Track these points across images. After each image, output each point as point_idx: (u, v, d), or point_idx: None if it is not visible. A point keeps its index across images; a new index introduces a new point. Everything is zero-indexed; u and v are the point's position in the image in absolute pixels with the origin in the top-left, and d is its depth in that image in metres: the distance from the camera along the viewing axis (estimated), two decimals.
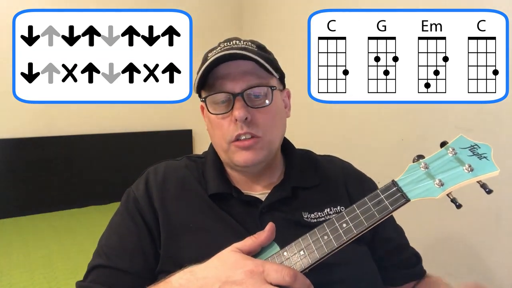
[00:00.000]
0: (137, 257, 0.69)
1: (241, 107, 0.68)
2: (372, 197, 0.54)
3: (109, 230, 0.75)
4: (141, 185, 0.76)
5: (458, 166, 0.52)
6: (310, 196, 0.76)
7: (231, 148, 0.71)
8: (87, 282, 0.69)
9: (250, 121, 0.69)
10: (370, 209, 0.53)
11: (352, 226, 0.53)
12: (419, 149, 1.80)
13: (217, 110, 0.71)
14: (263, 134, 0.71)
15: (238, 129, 0.69)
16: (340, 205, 0.75)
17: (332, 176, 0.81)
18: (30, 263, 1.61)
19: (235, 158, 0.71)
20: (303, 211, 0.74)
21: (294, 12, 2.42)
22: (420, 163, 0.54)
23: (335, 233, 0.54)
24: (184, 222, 0.71)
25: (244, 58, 0.70)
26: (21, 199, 2.35)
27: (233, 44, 0.75)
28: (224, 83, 0.70)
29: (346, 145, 2.05)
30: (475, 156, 0.52)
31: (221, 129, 0.71)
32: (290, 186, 0.75)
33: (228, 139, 0.70)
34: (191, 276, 0.52)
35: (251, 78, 0.70)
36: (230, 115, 0.70)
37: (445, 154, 0.54)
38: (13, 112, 2.34)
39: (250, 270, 0.49)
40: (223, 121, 0.71)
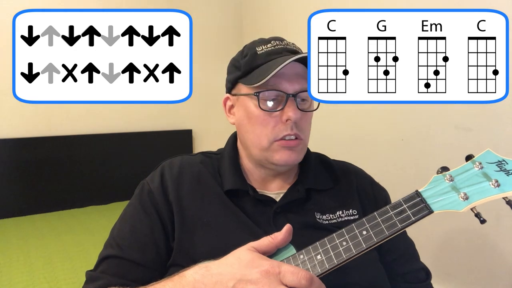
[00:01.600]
0: (149, 249, 0.70)
1: (296, 108, 0.70)
2: (394, 206, 0.54)
3: (122, 221, 0.75)
4: (156, 178, 0.76)
5: (485, 181, 0.51)
6: (323, 198, 0.77)
7: (273, 147, 0.72)
8: (98, 272, 0.68)
9: (297, 123, 0.70)
10: (391, 218, 0.52)
11: (372, 234, 0.53)
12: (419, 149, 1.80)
13: (266, 107, 0.72)
14: (304, 137, 0.73)
15: (288, 130, 0.70)
16: (352, 209, 0.76)
17: (345, 181, 0.81)
18: (30, 263, 1.61)
19: (276, 157, 0.72)
20: (316, 212, 0.74)
21: (294, 12, 2.42)
22: (445, 175, 0.53)
23: (355, 240, 0.53)
24: (198, 216, 0.72)
25: (301, 60, 0.71)
26: (21, 199, 2.35)
27: (285, 44, 0.76)
28: (279, 82, 0.71)
29: (346, 145, 2.05)
30: (503, 171, 0.51)
31: (266, 126, 0.72)
32: (305, 187, 0.76)
33: (273, 137, 0.71)
34: (206, 272, 0.52)
35: (303, 81, 0.73)
36: (280, 114, 0.71)
37: (471, 168, 0.53)
38: (13, 112, 2.34)
39: (266, 270, 0.49)
40: (270, 118, 0.72)
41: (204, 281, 0.51)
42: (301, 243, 0.57)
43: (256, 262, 0.51)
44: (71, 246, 1.80)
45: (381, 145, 1.84)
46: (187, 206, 0.73)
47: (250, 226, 0.70)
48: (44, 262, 1.62)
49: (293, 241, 0.57)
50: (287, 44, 0.77)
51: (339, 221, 0.74)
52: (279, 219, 0.71)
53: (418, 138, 1.64)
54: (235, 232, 0.69)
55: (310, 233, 0.57)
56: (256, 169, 0.78)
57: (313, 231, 0.68)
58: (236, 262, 0.52)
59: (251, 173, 0.79)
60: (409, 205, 0.53)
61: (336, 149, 2.06)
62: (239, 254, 0.53)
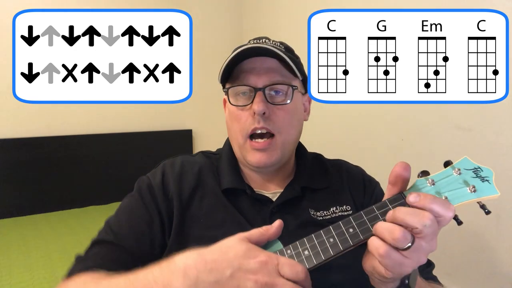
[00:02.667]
0: (144, 240, 0.69)
1: (261, 101, 0.70)
2: (381, 206, 0.55)
3: (119, 211, 0.75)
4: (157, 175, 0.77)
5: (464, 187, 0.55)
6: (318, 197, 0.77)
7: (246, 146, 0.72)
8: (89, 255, 0.68)
9: (268, 117, 0.71)
10: (377, 217, 0.54)
11: (359, 231, 0.54)
12: (419, 149, 1.80)
13: (237, 102, 0.73)
14: (278, 132, 0.72)
15: (255, 123, 0.70)
16: (346, 205, 0.76)
17: (338, 178, 0.82)
18: (30, 263, 1.61)
19: (249, 158, 0.72)
20: (310, 209, 0.75)
21: (294, 12, 2.42)
22: (428, 179, 0.57)
23: (342, 237, 0.54)
24: (197, 216, 0.72)
25: (270, 54, 0.71)
26: (21, 199, 2.35)
27: (263, 42, 0.77)
28: (248, 77, 0.72)
29: (346, 145, 2.05)
30: (478, 178, 0.56)
31: (239, 122, 0.73)
32: (300, 185, 0.76)
33: (245, 132, 0.72)
34: (198, 257, 0.50)
35: (274, 75, 0.72)
36: (250, 108, 0.70)
37: (450, 174, 0.57)
38: (13, 112, 2.34)
39: (264, 261, 0.49)
40: (242, 113, 0.72)
41: (197, 267, 0.49)
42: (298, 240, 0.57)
43: (253, 252, 0.50)
44: (71, 246, 1.80)
45: (381, 145, 1.84)
46: (187, 205, 0.73)
47: (245, 227, 0.70)
48: (44, 262, 1.62)
49: (290, 240, 0.57)
50: (265, 41, 0.77)
51: (333, 217, 0.75)
52: (275, 219, 0.71)
53: (418, 138, 1.64)
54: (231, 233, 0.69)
55: (307, 231, 0.58)
56: (247, 169, 0.79)
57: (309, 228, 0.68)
58: (231, 250, 0.50)
59: (247, 173, 0.79)
60: (394, 205, 0.54)
61: (336, 149, 2.06)
62: (232, 243, 0.52)
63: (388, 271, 0.50)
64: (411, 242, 0.47)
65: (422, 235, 0.48)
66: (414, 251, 0.48)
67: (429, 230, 0.48)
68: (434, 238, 0.50)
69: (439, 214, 0.49)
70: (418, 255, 0.49)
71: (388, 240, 0.48)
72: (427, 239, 0.49)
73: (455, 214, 0.53)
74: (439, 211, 0.49)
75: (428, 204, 0.49)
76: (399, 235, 0.47)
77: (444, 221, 0.50)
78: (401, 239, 0.47)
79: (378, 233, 0.50)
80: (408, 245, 0.47)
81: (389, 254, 0.48)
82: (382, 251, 0.48)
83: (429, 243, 0.49)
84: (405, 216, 0.48)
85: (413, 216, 0.48)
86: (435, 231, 0.49)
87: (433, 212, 0.49)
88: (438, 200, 0.50)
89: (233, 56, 0.71)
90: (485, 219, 1.36)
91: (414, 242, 0.48)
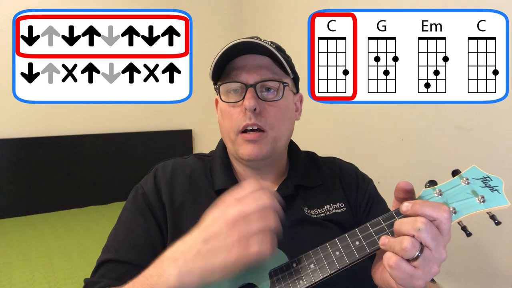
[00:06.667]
0: (146, 250, 0.70)
1: (252, 97, 0.70)
2: (387, 217, 0.55)
3: (118, 226, 0.75)
4: (149, 181, 0.77)
5: (472, 197, 0.54)
6: (311, 195, 0.77)
7: (238, 140, 0.72)
8: (96, 277, 0.69)
9: (259, 113, 0.71)
10: (384, 229, 0.53)
11: (365, 244, 0.53)
12: (419, 149, 1.79)
13: (228, 99, 0.73)
14: (269, 128, 0.72)
15: (247, 119, 0.70)
16: (339, 202, 0.76)
17: (331, 176, 0.82)
18: (30, 263, 1.62)
19: (241, 150, 0.72)
20: (304, 207, 0.75)
21: (294, 12, 2.43)
22: (435, 189, 0.55)
23: (348, 250, 0.54)
24: (190, 218, 0.72)
25: (261, 50, 0.72)
26: (21, 199, 2.35)
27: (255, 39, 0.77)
28: (239, 74, 0.72)
29: (346, 145, 2.05)
30: (487, 188, 0.54)
31: (230, 119, 0.73)
32: (293, 184, 0.76)
33: (236, 129, 0.72)
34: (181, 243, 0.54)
35: (265, 72, 0.72)
36: (241, 105, 0.71)
37: (458, 184, 0.55)
38: (13, 112, 2.34)
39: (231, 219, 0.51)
40: (233, 110, 0.73)
41: (180, 249, 0.52)
42: (293, 239, 0.57)
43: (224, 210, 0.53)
44: (71, 246, 1.80)
45: (381, 145, 1.84)
46: (180, 208, 0.73)
47: None
48: (44, 262, 1.62)
49: (286, 239, 0.57)
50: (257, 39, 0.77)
51: (327, 215, 0.75)
52: None
53: (418, 138, 1.64)
54: None
55: (301, 229, 0.57)
56: (240, 168, 0.79)
57: (304, 226, 0.68)
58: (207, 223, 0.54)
59: (240, 172, 0.79)
60: (400, 217, 0.53)
61: (336, 149, 2.06)
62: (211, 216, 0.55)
63: (399, 284, 0.50)
64: (419, 251, 0.48)
65: (422, 240, 0.48)
66: (423, 261, 0.48)
67: (426, 234, 0.48)
68: (440, 245, 0.50)
69: (432, 216, 0.49)
70: (429, 266, 0.49)
71: (398, 251, 0.48)
72: (432, 245, 0.49)
73: (463, 224, 0.53)
74: (431, 214, 0.49)
75: (419, 209, 0.49)
76: (407, 244, 0.47)
77: (441, 223, 0.49)
78: (409, 247, 0.47)
79: (387, 246, 0.50)
80: (417, 254, 0.48)
81: (399, 265, 0.48)
82: (392, 262, 0.48)
83: (436, 251, 0.49)
84: (400, 226, 0.49)
85: (407, 224, 0.49)
86: (436, 237, 0.49)
87: (425, 216, 0.49)
88: (428, 203, 0.50)
89: (224, 52, 0.71)
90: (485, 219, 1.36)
91: (423, 250, 0.48)
